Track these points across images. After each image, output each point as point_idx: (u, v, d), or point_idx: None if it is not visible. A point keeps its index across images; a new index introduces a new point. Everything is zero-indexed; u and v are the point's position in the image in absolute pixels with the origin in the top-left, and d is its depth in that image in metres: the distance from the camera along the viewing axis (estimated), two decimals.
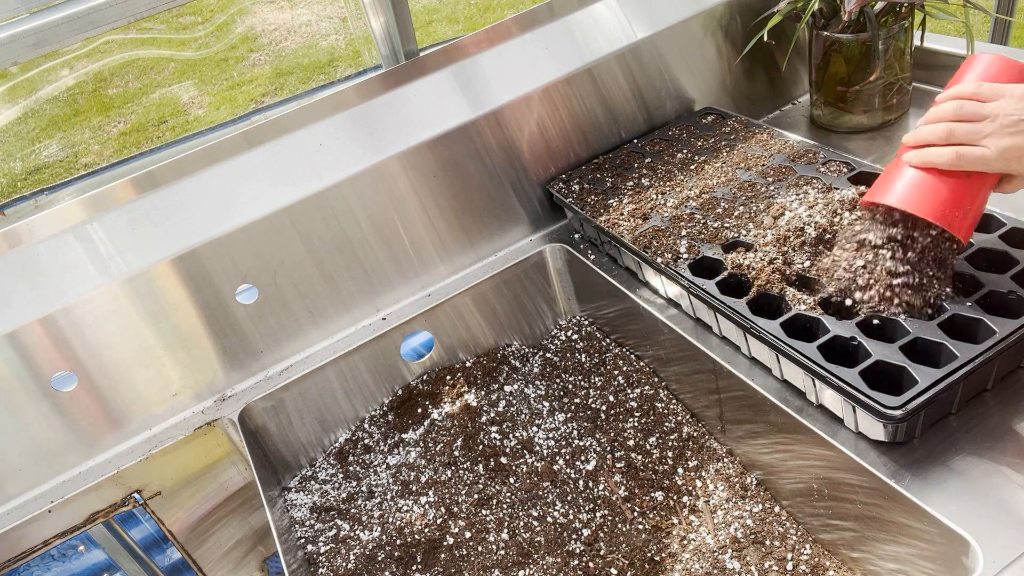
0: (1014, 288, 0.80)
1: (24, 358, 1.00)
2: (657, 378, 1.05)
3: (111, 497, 1.04)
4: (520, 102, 1.19)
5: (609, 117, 1.27)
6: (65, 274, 1.01)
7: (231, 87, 4.66)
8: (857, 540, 0.79)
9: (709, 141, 1.21)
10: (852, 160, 1.05)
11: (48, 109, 4.76)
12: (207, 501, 1.12)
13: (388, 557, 0.94)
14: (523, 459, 1.02)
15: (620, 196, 1.14)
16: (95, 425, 1.05)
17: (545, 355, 1.18)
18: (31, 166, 4.22)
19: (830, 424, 0.81)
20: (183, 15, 5.48)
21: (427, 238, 1.18)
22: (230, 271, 1.07)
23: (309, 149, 1.11)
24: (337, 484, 1.06)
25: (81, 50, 5.01)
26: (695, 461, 0.96)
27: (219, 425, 1.08)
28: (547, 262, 1.21)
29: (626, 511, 0.93)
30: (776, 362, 0.86)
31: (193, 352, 1.08)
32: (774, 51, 1.35)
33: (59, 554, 1.08)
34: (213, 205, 1.07)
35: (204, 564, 1.14)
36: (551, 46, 1.23)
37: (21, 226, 1.01)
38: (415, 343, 1.16)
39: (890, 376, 0.76)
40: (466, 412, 1.09)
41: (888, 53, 1.16)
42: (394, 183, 1.14)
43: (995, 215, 0.89)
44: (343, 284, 1.14)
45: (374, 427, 1.12)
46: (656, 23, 1.27)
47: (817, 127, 1.31)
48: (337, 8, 5.22)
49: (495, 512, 0.96)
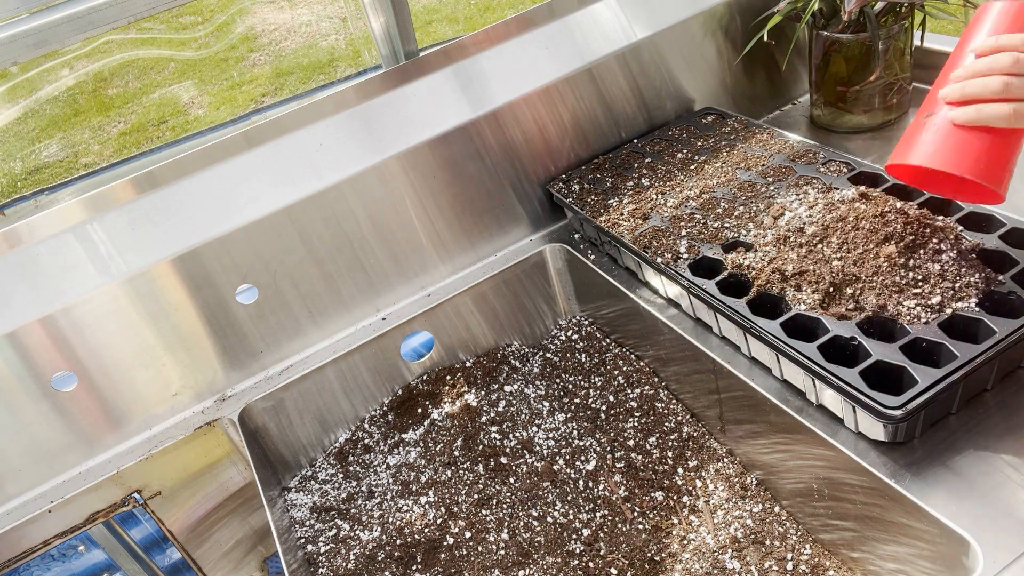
0: (1014, 288, 0.80)
1: (24, 358, 1.00)
2: (657, 378, 1.05)
3: (111, 497, 1.04)
4: (520, 102, 1.19)
5: (609, 117, 1.27)
6: (65, 274, 1.01)
7: (231, 87, 4.66)
8: (857, 540, 0.79)
9: (709, 141, 1.21)
10: (852, 160, 1.05)
11: (48, 109, 4.76)
12: (207, 501, 1.12)
13: (388, 557, 0.94)
14: (523, 459, 1.02)
15: (620, 196, 1.14)
16: (95, 425, 1.05)
17: (545, 355, 1.18)
18: (31, 166, 4.22)
19: (830, 424, 0.81)
20: (183, 15, 5.48)
21: (427, 238, 1.18)
22: (230, 271, 1.07)
23: (309, 149, 1.11)
24: (337, 484, 1.06)
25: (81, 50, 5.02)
26: (695, 461, 0.96)
27: (219, 425, 1.08)
28: (547, 262, 1.21)
29: (626, 511, 0.93)
30: (776, 362, 0.86)
31: (193, 352, 1.08)
32: (774, 51, 1.35)
33: (59, 554, 1.08)
34: (213, 205, 1.07)
35: (204, 564, 1.14)
36: (551, 46, 1.23)
37: (21, 226, 1.01)
38: (415, 343, 1.16)
39: (890, 376, 0.76)
40: (466, 412, 1.09)
41: (888, 53, 1.16)
42: (394, 183, 1.14)
43: (995, 215, 0.89)
44: (343, 284, 1.14)
45: (374, 427, 1.12)
46: (656, 23, 1.27)
47: (817, 127, 1.31)
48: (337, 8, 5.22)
49: (495, 512, 0.96)
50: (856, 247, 0.87)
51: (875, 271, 0.84)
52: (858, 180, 1.02)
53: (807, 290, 0.87)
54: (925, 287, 0.82)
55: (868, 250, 0.86)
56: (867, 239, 0.87)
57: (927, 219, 0.88)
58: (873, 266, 0.85)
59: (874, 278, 0.84)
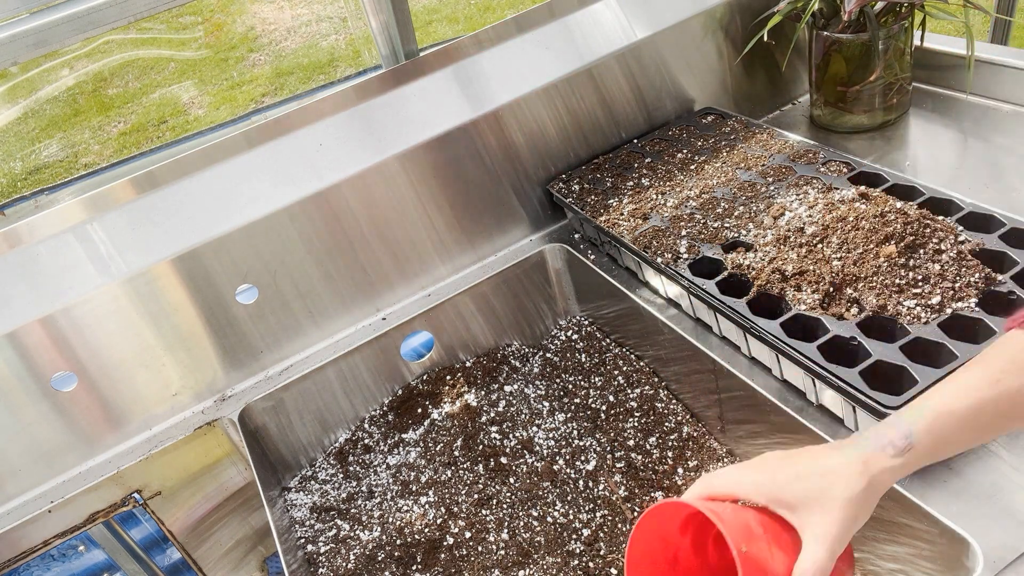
0: (1014, 288, 0.80)
1: (24, 358, 1.00)
2: (657, 378, 1.05)
3: (111, 497, 1.04)
4: (520, 102, 1.19)
5: (609, 117, 1.27)
6: (65, 274, 1.01)
7: (231, 87, 4.66)
8: (857, 540, 0.79)
9: (709, 141, 1.21)
10: (852, 160, 1.05)
11: (48, 109, 4.76)
12: (207, 501, 1.12)
13: (388, 557, 0.94)
14: (523, 459, 1.02)
15: (620, 196, 1.14)
16: (95, 425, 1.05)
17: (545, 355, 1.18)
18: (31, 166, 4.22)
19: (830, 424, 0.81)
20: (183, 15, 5.48)
21: (427, 238, 1.18)
22: (230, 271, 1.07)
23: (309, 149, 1.11)
24: (337, 484, 1.06)
25: (81, 50, 5.01)
26: (695, 461, 0.96)
27: (219, 425, 1.08)
28: (547, 262, 1.21)
29: (626, 511, 0.93)
30: (776, 362, 0.86)
31: (193, 352, 1.08)
32: (774, 51, 1.35)
33: (59, 554, 1.08)
34: (213, 205, 1.07)
35: (204, 564, 1.14)
36: (551, 46, 1.23)
37: (21, 226, 1.01)
38: (415, 343, 1.16)
39: (890, 376, 0.76)
40: (466, 412, 1.09)
41: (888, 53, 1.16)
42: (394, 183, 1.14)
43: (995, 215, 0.89)
44: (343, 284, 1.14)
45: (374, 427, 1.12)
46: (656, 23, 1.27)
47: (817, 127, 1.31)
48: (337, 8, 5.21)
49: (495, 512, 0.96)
50: (856, 247, 0.87)
51: (875, 271, 0.84)
52: (858, 180, 1.02)
53: (807, 290, 0.87)
54: (925, 287, 0.82)
55: (868, 250, 0.86)
56: (867, 239, 0.87)
57: (927, 219, 0.88)
58: (873, 266, 0.85)
59: (874, 278, 0.84)
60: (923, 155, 1.17)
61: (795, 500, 0.58)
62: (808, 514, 0.58)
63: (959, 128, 1.20)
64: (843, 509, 0.57)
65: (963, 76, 1.24)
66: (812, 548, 0.57)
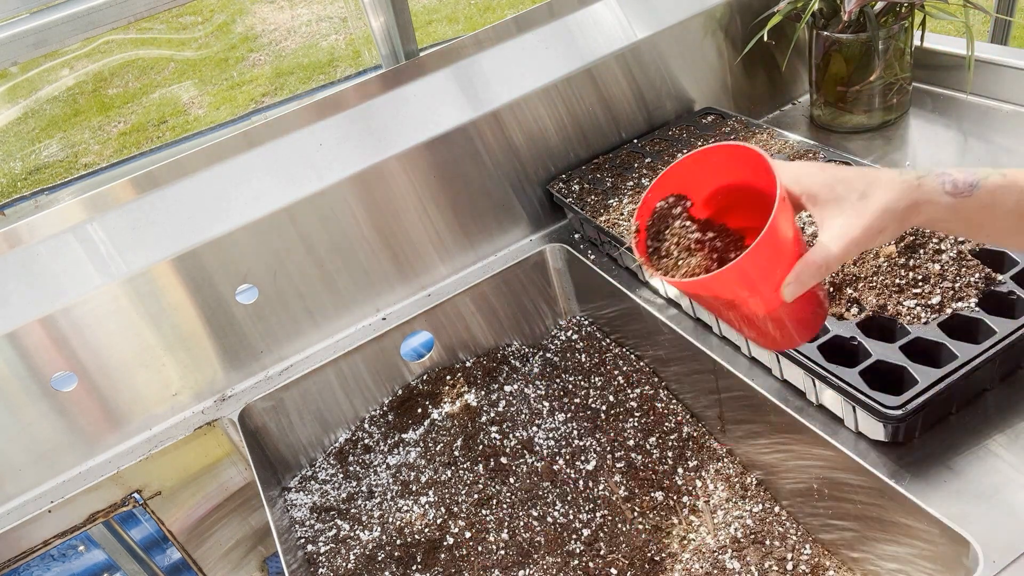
0: (1014, 288, 0.80)
1: (24, 358, 1.00)
2: (657, 378, 1.05)
3: (111, 497, 1.04)
4: (520, 102, 1.19)
5: (609, 117, 1.27)
6: (65, 274, 1.01)
7: (231, 87, 4.66)
8: (857, 540, 0.79)
9: (709, 141, 1.21)
10: (852, 160, 1.05)
11: (48, 109, 4.76)
12: (207, 501, 1.12)
13: (388, 557, 0.94)
14: (523, 459, 1.02)
15: (620, 196, 1.14)
16: (95, 425, 1.05)
17: (545, 355, 1.18)
18: (31, 166, 4.22)
19: (830, 424, 0.81)
20: (183, 15, 5.48)
21: (427, 238, 1.18)
22: (230, 271, 1.07)
23: (309, 149, 1.11)
24: (337, 484, 1.06)
25: (81, 50, 5.01)
26: (695, 461, 0.96)
27: (219, 425, 1.08)
28: (547, 262, 1.20)
29: (626, 511, 0.93)
30: (776, 362, 0.86)
31: (193, 352, 1.08)
32: (774, 51, 1.35)
33: (59, 554, 1.08)
34: (213, 205, 1.07)
35: (204, 564, 1.14)
36: (551, 46, 1.23)
37: (21, 226, 1.01)
38: (415, 343, 1.16)
39: (890, 376, 0.76)
40: (466, 412, 1.09)
41: (888, 53, 1.16)
42: (394, 183, 1.14)
43: None
44: (343, 284, 1.14)
45: (374, 427, 1.12)
46: (656, 23, 1.27)
47: (817, 127, 1.31)
48: (337, 8, 5.21)
49: (495, 512, 0.96)
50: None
51: (875, 271, 0.84)
52: None
53: None
54: (925, 287, 0.82)
55: (868, 250, 0.86)
56: None
57: None
58: (873, 266, 0.85)
59: (874, 278, 0.84)
60: (923, 155, 1.17)
61: (830, 197, 0.55)
62: (837, 212, 0.55)
63: (959, 128, 1.20)
64: (874, 216, 0.54)
65: (963, 76, 1.24)
66: (829, 241, 0.54)
